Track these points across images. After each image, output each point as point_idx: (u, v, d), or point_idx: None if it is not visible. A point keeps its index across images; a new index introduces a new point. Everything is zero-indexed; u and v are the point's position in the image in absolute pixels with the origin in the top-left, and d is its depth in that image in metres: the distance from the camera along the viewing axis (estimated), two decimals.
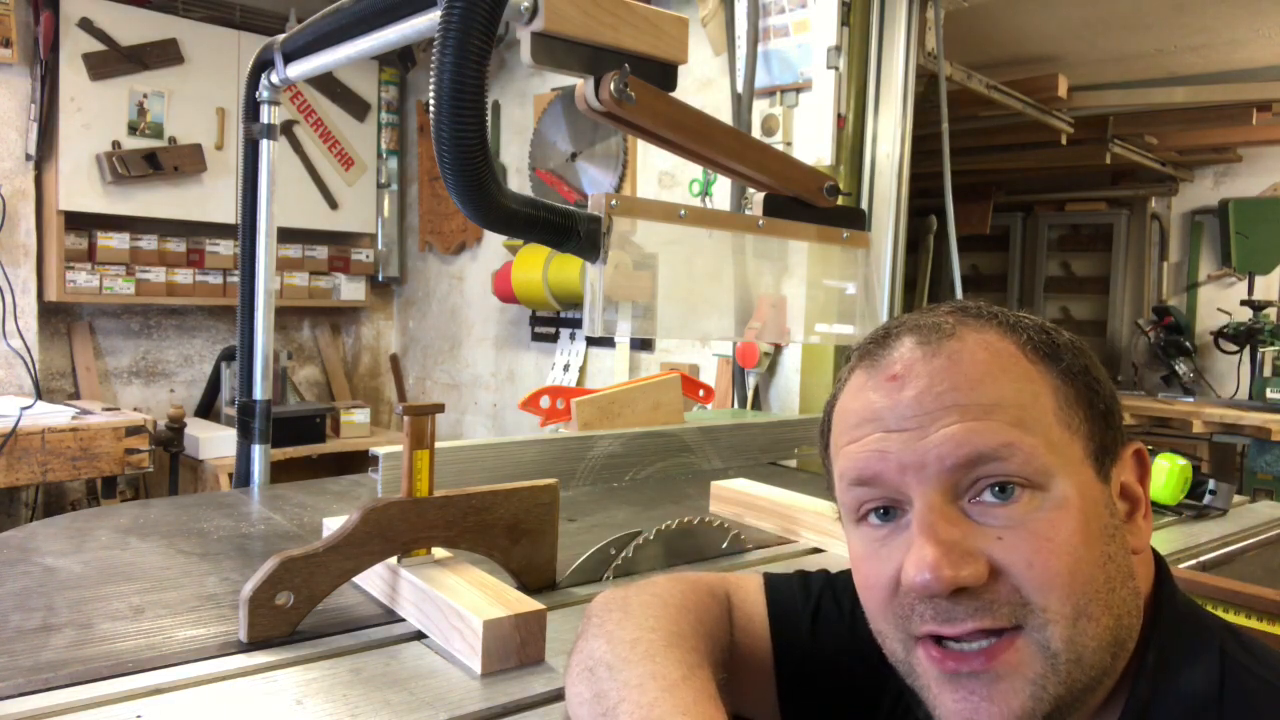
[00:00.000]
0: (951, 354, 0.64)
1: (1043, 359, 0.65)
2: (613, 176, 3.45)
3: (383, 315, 4.76)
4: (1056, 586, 0.60)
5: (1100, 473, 0.64)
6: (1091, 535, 0.62)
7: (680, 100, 1.16)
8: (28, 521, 1.96)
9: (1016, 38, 3.80)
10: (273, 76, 1.57)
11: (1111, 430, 0.66)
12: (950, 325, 0.67)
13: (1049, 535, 0.61)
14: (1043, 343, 0.66)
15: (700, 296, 1.39)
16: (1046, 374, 0.65)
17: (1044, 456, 0.62)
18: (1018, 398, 0.63)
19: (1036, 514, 0.61)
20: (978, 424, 0.62)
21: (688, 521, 1.24)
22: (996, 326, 0.67)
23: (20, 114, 3.50)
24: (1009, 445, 0.61)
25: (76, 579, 1.10)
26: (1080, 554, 0.61)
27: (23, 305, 3.50)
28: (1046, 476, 0.62)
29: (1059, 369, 0.65)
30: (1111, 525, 0.64)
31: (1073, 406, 0.64)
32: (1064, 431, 0.63)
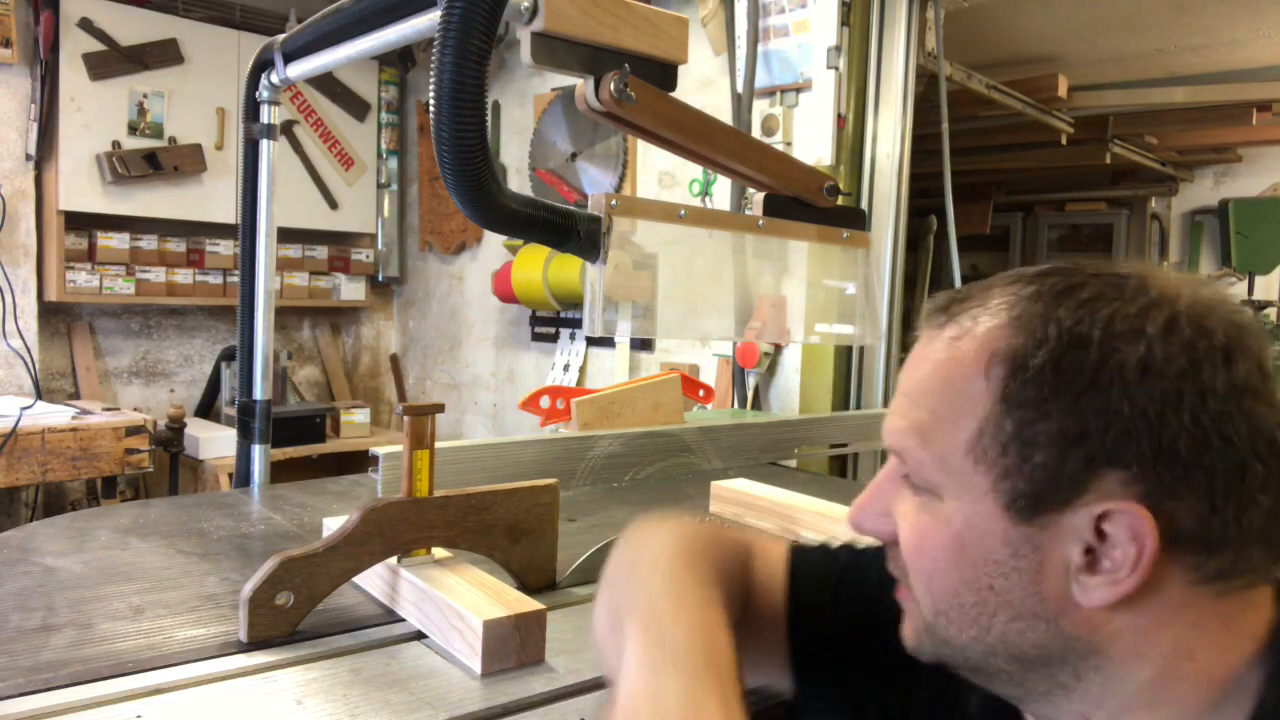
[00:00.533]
0: (935, 343, 0.65)
1: (1010, 377, 0.59)
2: (613, 176, 3.45)
3: (383, 315, 4.76)
4: (918, 577, 0.65)
5: (1014, 511, 0.59)
6: (967, 562, 0.62)
7: (680, 100, 1.16)
8: (28, 521, 1.96)
9: (1016, 38, 3.80)
10: (273, 76, 1.57)
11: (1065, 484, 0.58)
12: (956, 311, 0.65)
13: (921, 541, 0.64)
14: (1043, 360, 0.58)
15: (700, 296, 1.39)
16: (994, 399, 0.60)
17: (931, 474, 0.63)
18: (939, 410, 0.63)
19: (920, 513, 0.64)
20: (897, 420, 0.66)
21: None
22: (999, 324, 0.61)
23: (20, 114, 3.50)
24: (905, 449, 0.65)
25: (76, 579, 1.10)
26: (943, 569, 0.63)
27: (23, 305, 3.50)
28: (936, 490, 0.63)
29: (1021, 396, 0.59)
30: (1009, 566, 0.60)
31: (999, 438, 0.59)
32: (966, 458, 0.61)
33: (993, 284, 0.65)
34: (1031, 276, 0.63)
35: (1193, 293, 0.59)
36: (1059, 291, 0.60)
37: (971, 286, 0.67)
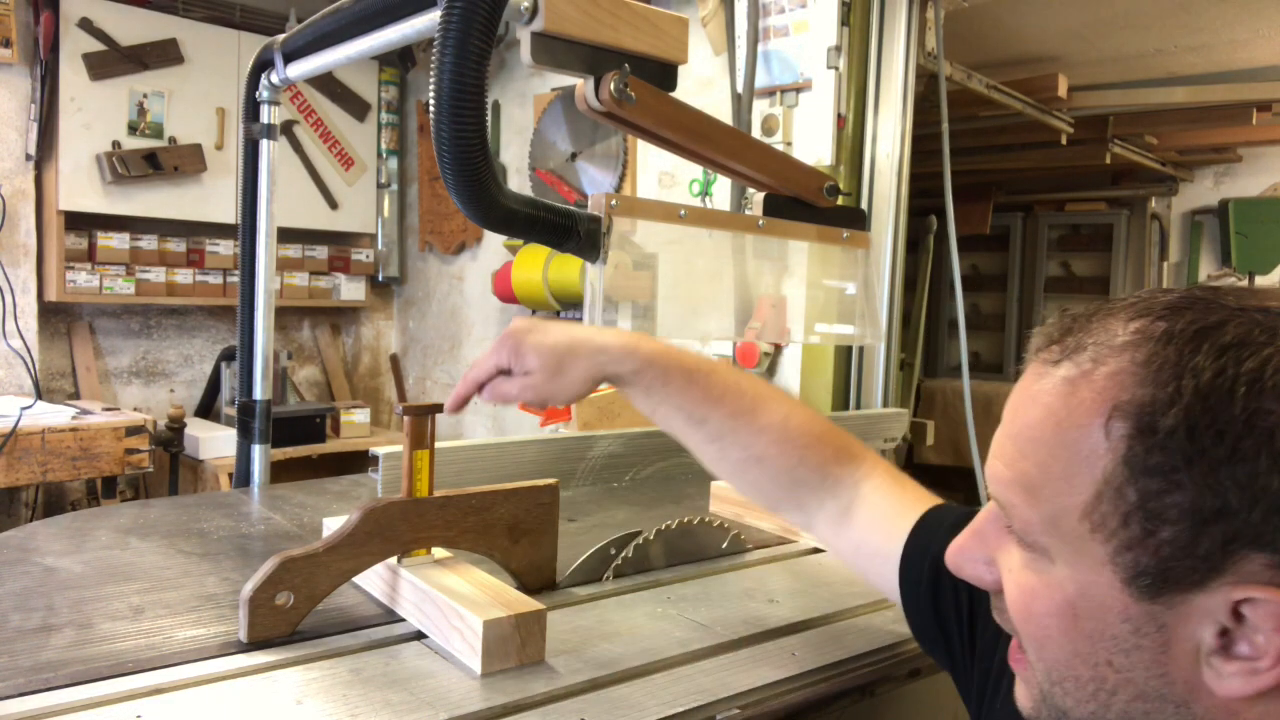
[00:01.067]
0: (1038, 385, 0.58)
1: (1134, 437, 0.52)
2: (613, 176, 3.45)
3: (383, 315, 4.76)
4: (1029, 645, 0.60)
5: (1135, 588, 0.53)
6: (1081, 635, 0.56)
7: (680, 100, 1.16)
8: (28, 521, 1.96)
9: (1016, 38, 3.80)
10: (273, 76, 1.57)
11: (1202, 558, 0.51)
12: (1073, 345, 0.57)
13: (1029, 603, 0.59)
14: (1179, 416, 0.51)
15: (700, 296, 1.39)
16: (1116, 461, 0.53)
17: (1039, 535, 0.57)
18: (1049, 464, 0.55)
19: (1028, 572, 0.59)
20: (1001, 467, 0.59)
21: (688, 521, 1.24)
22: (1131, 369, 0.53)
23: (20, 114, 3.50)
24: (1010, 505, 0.59)
25: (76, 579, 1.10)
26: (1055, 638, 0.57)
27: (23, 305, 3.50)
28: (1045, 551, 0.57)
29: (1148, 461, 0.51)
30: (1130, 644, 0.54)
31: (1121, 511, 0.53)
32: (1083, 525, 0.54)
33: (1114, 309, 0.57)
34: (1163, 310, 0.55)
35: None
36: (1195, 332, 0.52)
37: (1091, 311, 0.58)
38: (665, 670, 0.93)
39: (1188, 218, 5.60)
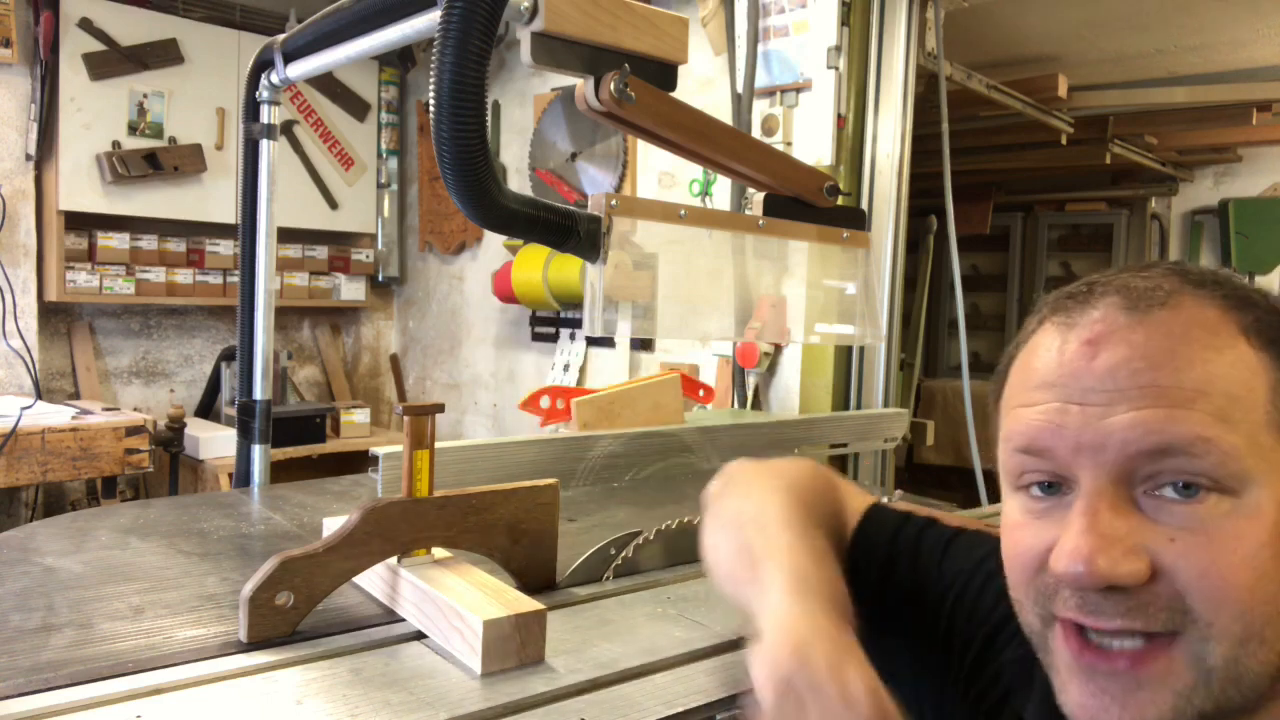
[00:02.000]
0: (1161, 324, 0.57)
1: (1270, 345, 0.57)
2: (613, 176, 3.45)
3: (383, 315, 4.76)
4: (1230, 602, 0.54)
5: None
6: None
7: (680, 100, 1.16)
8: (28, 521, 1.96)
9: (1016, 38, 3.80)
10: (273, 76, 1.57)
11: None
12: (1165, 291, 0.58)
13: (1232, 545, 0.54)
14: (1273, 325, 0.58)
15: (700, 296, 1.39)
16: (1270, 364, 0.56)
17: (1244, 459, 0.54)
18: (1227, 386, 0.55)
19: (1223, 520, 0.54)
20: (1176, 411, 0.55)
21: (688, 521, 1.23)
22: (1221, 298, 0.58)
23: (20, 114, 3.50)
24: (1206, 441, 0.54)
25: (76, 579, 1.10)
26: (1266, 570, 0.54)
27: (23, 305, 3.51)
28: (1242, 481, 0.55)
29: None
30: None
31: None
32: (1273, 434, 0.55)
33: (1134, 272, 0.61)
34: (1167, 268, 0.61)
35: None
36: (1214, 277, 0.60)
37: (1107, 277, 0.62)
38: (665, 670, 0.93)
39: (1188, 218, 5.60)
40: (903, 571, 0.83)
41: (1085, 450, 0.57)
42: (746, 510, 0.80)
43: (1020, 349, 0.65)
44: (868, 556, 0.85)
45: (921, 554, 0.83)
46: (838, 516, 0.86)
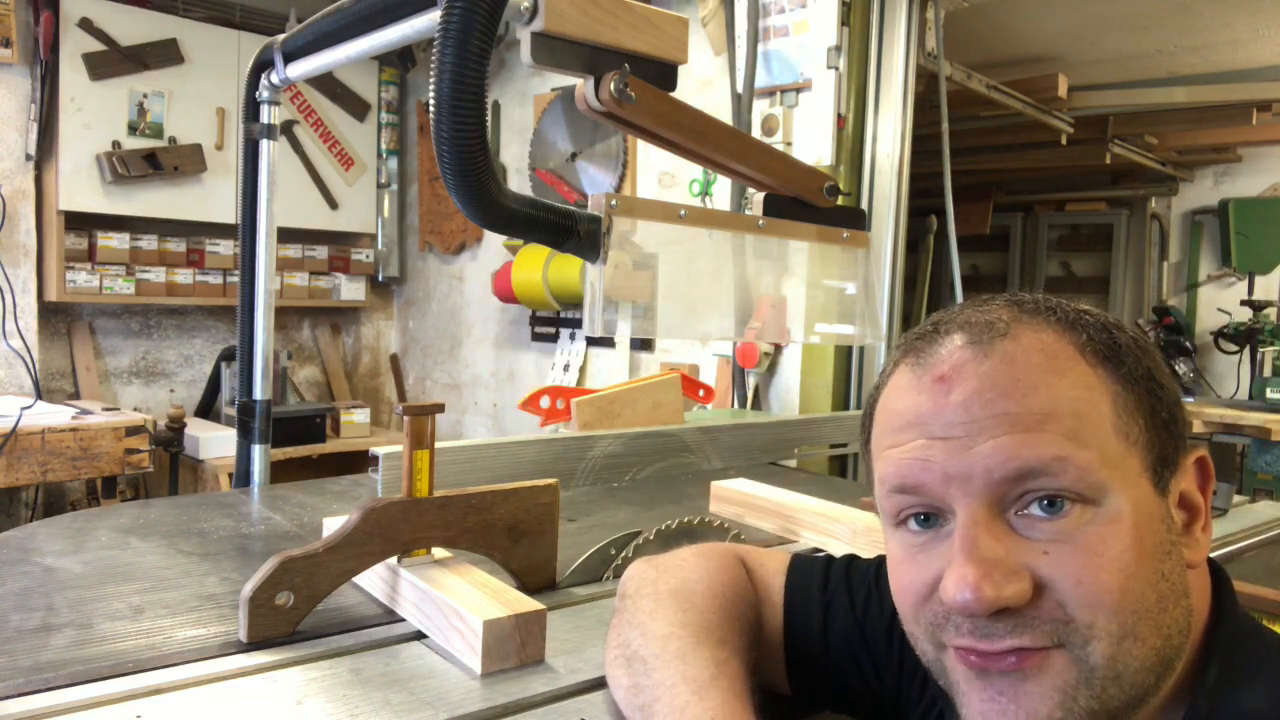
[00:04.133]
0: (1005, 355, 0.60)
1: (1103, 361, 0.61)
2: (613, 176, 3.45)
3: (383, 315, 4.76)
4: (1105, 604, 0.57)
5: (1158, 485, 0.61)
6: (1145, 552, 0.59)
7: (680, 100, 1.16)
8: (28, 521, 1.96)
9: (1016, 38, 3.80)
10: (273, 76, 1.57)
11: (1173, 439, 0.62)
12: (1005, 323, 0.62)
13: (1099, 550, 0.58)
14: (1104, 343, 0.62)
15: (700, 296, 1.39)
16: (1106, 379, 0.61)
17: (1098, 471, 0.58)
18: (1074, 406, 0.59)
19: (1087, 528, 0.58)
20: (1029, 435, 0.58)
21: (688, 521, 1.24)
22: (1055, 324, 0.62)
23: (20, 114, 3.50)
24: (1062, 459, 0.58)
25: (76, 579, 1.10)
26: (1131, 571, 0.58)
27: (23, 305, 3.51)
28: (1100, 491, 0.58)
29: (1120, 373, 0.61)
30: (1168, 541, 0.60)
31: (1132, 415, 0.60)
32: (1121, 443, 0.59)
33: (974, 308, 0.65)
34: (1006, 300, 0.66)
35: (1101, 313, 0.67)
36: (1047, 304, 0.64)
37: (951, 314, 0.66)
38: None
39: (1188, 218, 5.60)
40: (841, 612, 0.83)
41: (954, 481, 0.60)
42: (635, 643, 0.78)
43: (880, 392, 0.68)
44: (805, 609, 0.85)
45: (854, 588, 0.84)
46: (746, 601, 0.84)
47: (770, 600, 0.87)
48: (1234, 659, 0.61)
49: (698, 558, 0.87)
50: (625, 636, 0.80)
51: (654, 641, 0.76)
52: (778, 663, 0.85)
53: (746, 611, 0.83)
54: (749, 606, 0.84)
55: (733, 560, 0.88)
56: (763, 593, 0.87)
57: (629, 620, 0.81)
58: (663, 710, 0.69)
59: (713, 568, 0.86)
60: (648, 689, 0.73)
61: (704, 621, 0.78)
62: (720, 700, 0.68)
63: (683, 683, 0.70)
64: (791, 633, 0.85)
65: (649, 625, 0.78)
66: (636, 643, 0.78)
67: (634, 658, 0.77)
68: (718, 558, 0.88)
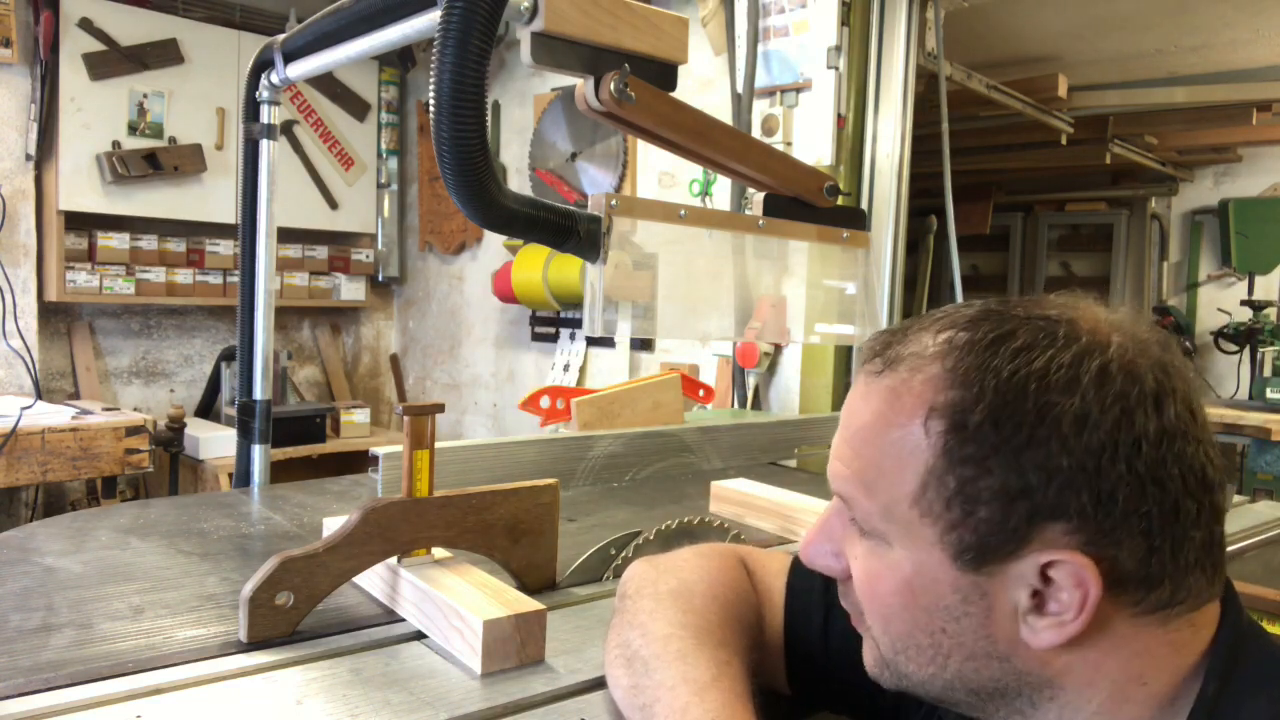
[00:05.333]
0: (872, 391, 0.65)
1: (951, 433, 0.60)
2: (613, 176, 3.45)
3: (383, 315, 4.76)
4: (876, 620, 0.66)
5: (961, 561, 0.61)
6: (918, 608, 0.63)
7: (680, 100, 1.16)
8: (28, 521, 1.96)
9: (1016, 38, 3.80)
10: (273, 76, 1.57)
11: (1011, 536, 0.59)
12: (896, 358, 0.64)
13: (874, 581, 0.65)
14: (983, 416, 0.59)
15: (700, 296, 1.39)
16: (935, 450, 0.60)
17: (878, 522, 0.64)
18: (881, 460, 0.63)
19: (871, 558, 0.65)
20: (839, 466, 0.67)
21: (688, 521, 1.23)
22: (941, 372, 0.61)
23: (20, 114, 3.50)
24: (851, 499, 0.66)
25: (76, 579, 1.10)
26: (896, 613, 0.64)
27: (23, 305, 3.51)
28: (884, 537, 0.64)
29: (961, 453, 0.59)
30: (962, 611, 0.61)
31: (941, 493, 0.60)
32: (912, 510, 0.62)
33: (925, 325, 0.66)
34: (965, 322, 0.63)
35: (1122, 336, 0.61)
36: (993, 340, 0.61)
37: (907, 325, 0.67)
38: None
39: (1188, 218, 5.60)
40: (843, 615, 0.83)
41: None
42: (635, 643, 0.78)
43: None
44: (806, 611, 0.85)
45: None
46: (747, 602, 0.85)
47: (771, 601, 0.87)
48: (1234, 673, 0.61)
49: (698, 558, 0.87)
50: (625, 637, 0.80)
51: (655, 642, 0.76)
52: (778, 663, 0.85)
53: (747, 613, 0.84)
54: (749, 608, 0.85)
55: (734, 561, 0.88)
56: (763, 594, 0.87)
57: (629, 620, 0.81)
58: (663, 711, 0.70)
59: (713, 568, 0.86)
60: (648, 689, 0.73)
61: (705, 622, 0.78)
62: (721, 701, 0.69)
63: (683, 683, 0.71)
64: (792, 634, 0.85)
65: (649, 625, 0.78)
66: (637, 643, 0.78)
67: (634, 658, 0.77)
68: (718, 559, 0.88)
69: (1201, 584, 0.61)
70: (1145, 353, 0.60)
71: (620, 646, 0.80)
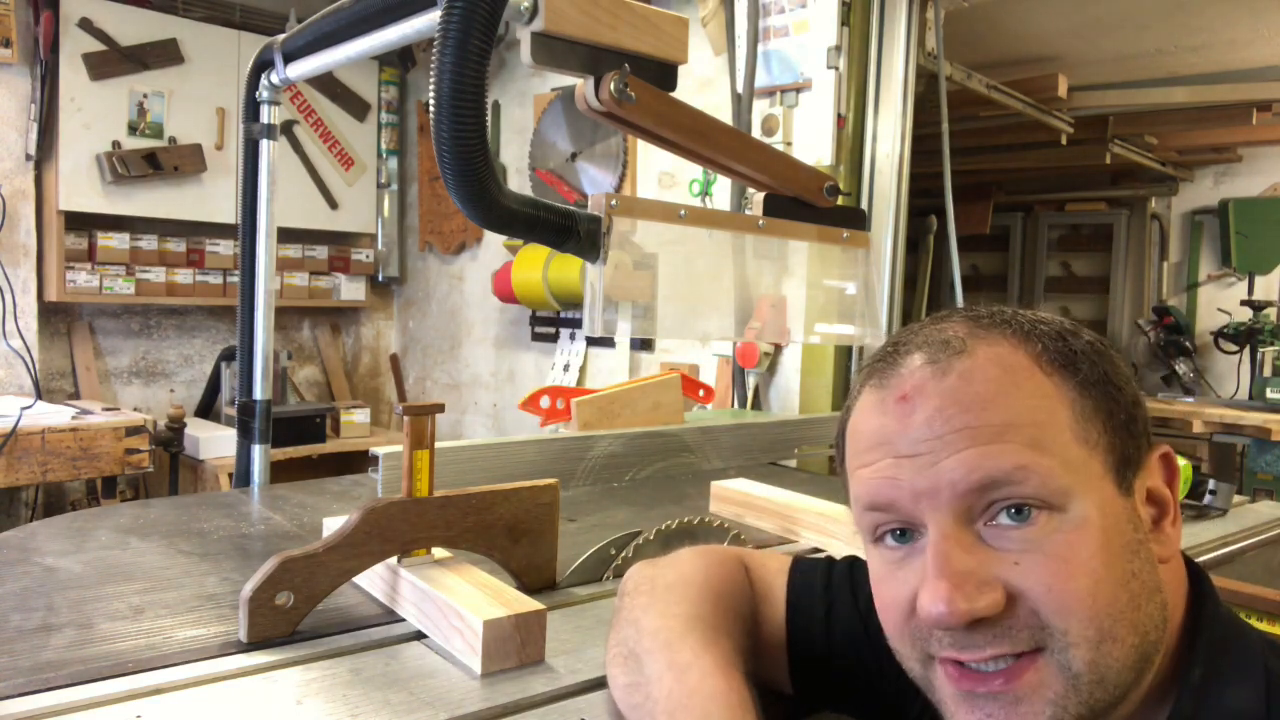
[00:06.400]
0: (962, 373, 0.62)
1: (1059, 370, 0.63)
2: (613, 176, 3.45)
3: (383, 315, 4.76)
4: (1076, 610, 0.59)
5: (1122, 485, 0.62)
6: (1113, 554, 0.60)
7: (680, 100, 1.16)
8: (28, 521, 1.96)
9: (1016, 38, 3.80)
10: (273, 76, 1.57)
11: (1134, 438, 0.64)
12: (960, 340, 0.64)
13: (1067, 557, 0.59)
14: (1059, 351, 0.64)
15: (700, 296, 1.39)
16: (1063, 386, 0.62)
17: (1060, 477, 0.60)
18: (1032, 416, 0.61)
19: (1054, 536, 0.60)
20: (990, 447, 0.60)
21: (688, 521, 1.23)
22: (1010, 336, 0.64)
23: (20, 114, 3.50)
24: (1023, 468, 0.60)
25: (76, 579, 1.10)
26: (1101, 575, 0.59)
27: (23, 305, 3.50)
28: (1065, 497, 0.60)
29: (1076, 380, 0.63)
30: (1135, 540, 0.62)
31: (1090, 420, 0.62)
32: (1081, 448, 0.61)
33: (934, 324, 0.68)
34: (966, 314, 0.67)
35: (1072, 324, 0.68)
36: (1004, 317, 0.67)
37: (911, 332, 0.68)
38: None
39: (1188, 218, 5.60)
40: (845, 610, 0.84)
41: (923, 497, 0.62)
42: (630, 640, 0.78)
43: (849, 414, 0.70)
44: (808, 606, 0.85)
45: (857, 587, 0.84)
46: (742, 597, 0.85)
47: (772, 600, 0.87)
48: (1219, 659, 0.62)
49: (697, 558, 0.87)
50: (623, 634, 0.80)
51: (646, 636, 0.76)
52: (780, 661, 0.85)
53: (741, 605, 0.83)
54: (744, 601, 0.84)
55: (732, 560, 0.89)
56: (764, 593, 0.87)
57: (625, 618, 0.81)
58: (649, 704, 0.70)
59: (709, 564, 0.86)
60: (640, 685, 0.73)
61: (696, 612, 0.78)
62: (699, 676, 0.69)
63: (668, 670, 0.71)
64: (794, 632, 0.85)
65: (642, 620, 0.79)
66: (631, 639, 0.78)
67: (629, 655, 0.77)
68: (717, 558, 0.88)
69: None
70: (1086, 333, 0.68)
71: (618, 645, 0.80)
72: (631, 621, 0.80)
